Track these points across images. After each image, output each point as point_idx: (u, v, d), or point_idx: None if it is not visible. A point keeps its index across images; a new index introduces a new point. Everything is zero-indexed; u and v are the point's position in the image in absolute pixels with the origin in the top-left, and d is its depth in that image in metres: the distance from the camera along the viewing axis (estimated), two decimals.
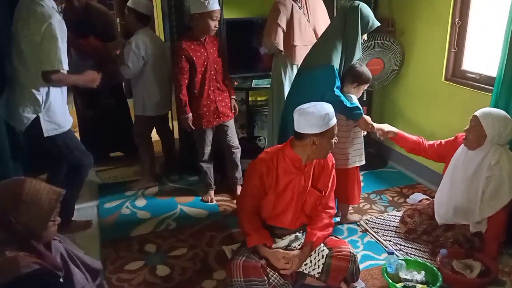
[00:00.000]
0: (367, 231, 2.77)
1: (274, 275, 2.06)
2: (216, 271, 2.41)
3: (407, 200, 3.15)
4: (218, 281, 2.33)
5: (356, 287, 2.21)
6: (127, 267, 2.45)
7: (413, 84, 3.53)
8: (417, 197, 3.11)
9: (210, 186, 3.24)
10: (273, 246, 2.19)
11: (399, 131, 2.72)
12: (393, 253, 2.29)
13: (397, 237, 2.68)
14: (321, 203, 2.23)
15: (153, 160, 3.46)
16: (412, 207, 2.79)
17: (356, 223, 2.86)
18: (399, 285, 2.15)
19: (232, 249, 2.54)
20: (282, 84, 3.05)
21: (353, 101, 2.60)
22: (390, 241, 2.64)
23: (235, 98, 3.17)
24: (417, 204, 2.91)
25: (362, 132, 2.71)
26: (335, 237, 2.30)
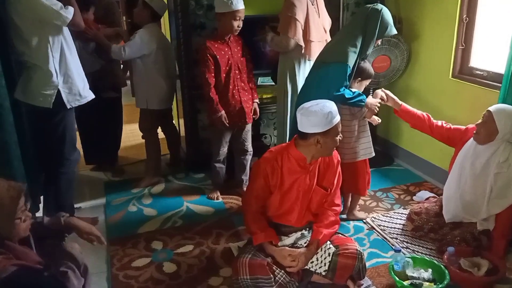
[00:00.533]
0: (374, 228, 2.76)
1: (280, 273, 2.06)
2: (223, 268, 2.41)
3: (414, 198, 3.14)
4: (224, 278, 2.33)
5: (362, 284, 2.21)
6: (134, 264, 2.46)
7: (420, 81, 3.52)
8: (424, 195, 3.09)
9: (219, 186, 3.23)
10: (279, 244, 2.19)
11: (402, 103, 2.71)
12: (400, 250, 2.28)
13: (404, 235, 2.67)
14: (326, 201, 2.23)
15: (159, 157, 3.46)
16: (419, 205, 2.78)
17: (363, 221, 2.86)
18: (406, 282, 2.14)
19: (238, 246, 2.55)
20: (296, 81, 3.04)
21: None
22: (397, 239, 2.63)
23: (257, 102, 3.12)
24: (423, 202, 2.89)
25: (368, 125, 2.72)
26: (342, 234, 2.30)
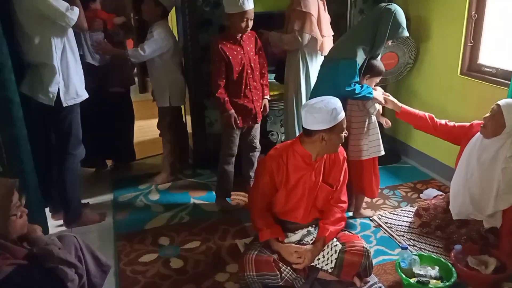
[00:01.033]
0: (380, 226, 2.76)
1: (287, 270, 2.07)
2: (229, 265, 2.42)
3: (421, 195, 3.13)
4: (231, 274, 2.34)
5: (369, 282, 2.20)
6: (141, 259, 2.48)
7: (428, 78, 3.50)
8: (431, 192, 3.08)
9: (229, 194, 3.11)
10: (286, 240, 2.20)
11: (403, 105, 2.70)
12: (406, 248, 2.28)
13: (411, 232, 2.66)
14: (333, 197, 2.23)
15: (176, 154, 3.47)
16: (427, 201, 2.77)
17: (369, 218, 2.85)
18: (412, 280, 2.14)
19: (245, 243, 2.56)
20: (309, 77, 3.04)
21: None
22: (404, 236, 2.62)
23: (268, 98, 3.07)
24: (431, 199, 2.88)
25: (377, 123, 2.71)
26: (348, 232, 2.30)
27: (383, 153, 2.74)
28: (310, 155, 2.08)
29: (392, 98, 2.69)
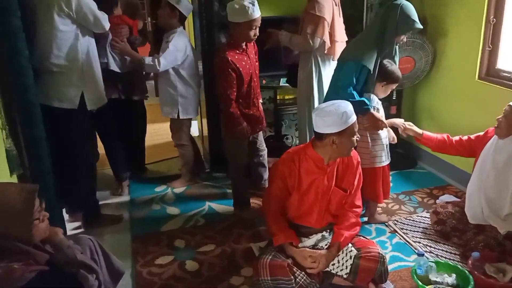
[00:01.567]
0: (396, 232, 2.74)
1: (301, 275, 2.06)
2: (244, 268, 2.44)
3: (437, 201, 3.09)
4: (245, 278, 2.36)
5: None
6: (157, 262, 2.51)
7: (445, 83, 3.46)
8: (448, 199, 3.04)
9: (248, 203, 3.07)
10: (300, 245, 2.19)
11: (424, 131, 2.68)
12: (423, 254, 2.26)
13: (427, 239, 2.64)
14: (347, 202, 2.22)
15: (193, 162, 3.49)
16: (446, 200, 2.75)
17: (385, 224, 2.84)
18: (429, 287, 2.12)
19: (259, 246, 2.56)
20: (322, 80, 3.05)
21: (371, 100, 2.60)
22: (420, 242, 2.60)
23: (261, 101, 3.10)
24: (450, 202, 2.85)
25: (379, 135, 2.67)
26: (363, 237, 2.28)
27: (385, 162, 2.71)
28: (322, 159, 2.08)
29: (414, 128, 2.69)
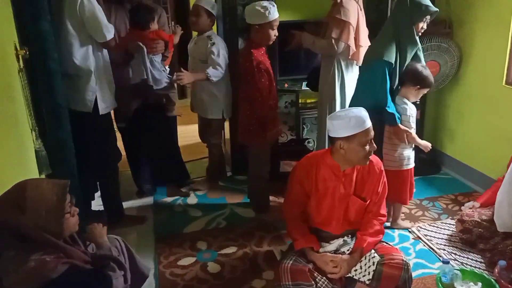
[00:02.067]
0: (420, 238, 2.71)
1: (322, 279, 2.05)
2: (265, 271, 2.44)
3: (462, 208, 3.03)
4: (267, 281, 2.36)
5: None
6: (180, 263, 2.54)
7: (470, 88, 3.40)
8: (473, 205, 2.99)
9: (268, 207, 3.11)
10: (321, 250, 2.18)
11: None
12: (448, 262, 2.22)
13: (452, 246, 2.60)
14: (371, 211, 2.18)
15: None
16: (472, 208, 2.70)
17: (408, 230, 2.80)
18: None
19: (281, 250, 2.57)
20: (344, 85, 3.05)
21: (406, 105, 2.59)
22: (444, 249, 2.56)
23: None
24: (476, 208, 2.80)
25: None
26: (387, 243, 2.26)
27: (410, 166, 2.70)
28: (338, 166, 2.06)
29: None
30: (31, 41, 2.18)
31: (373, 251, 2.13)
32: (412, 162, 2.70)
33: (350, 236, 2.23)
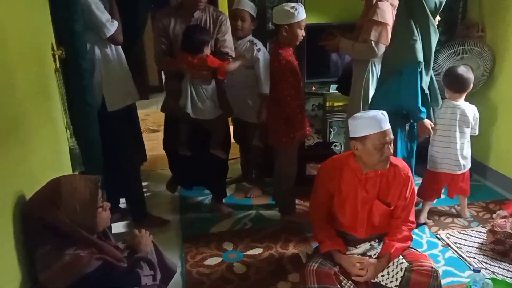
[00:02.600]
0: (449, 245, 2.65)
1: (348, 283, 2.04)
2: (291, 274, 2.45)
3: (494, 216, 2.96)
4: (292, 283, 2.36)
5: None
6: (206, 262, 2.57)
7: (504, 93, 3.32)
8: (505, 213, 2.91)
9: (294, 209, 3.11)
10: (347, 253, 2.17)
11: None
12: (479, 270, 2.17)
13: (483, 254, 2.54)
14: (400, 217, 2.15)
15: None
16: (505, 218, 2.64)
17: (437, 236, 2.75)
18: None
19: (307, 253, 2.57)
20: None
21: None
22: (475, 258, 2.50)
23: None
24: (508, 218, 2.73)
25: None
26: (415, 249, 2.23)
27: (450, 171, 2.77)
28: (360, 168, 2.06)
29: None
30: (66, 41, 2.25)
31: (401, 257, 2.11)
32: (443, 167, 2.74)
33: (377, 240, 2.21)
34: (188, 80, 2.73)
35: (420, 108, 2.54)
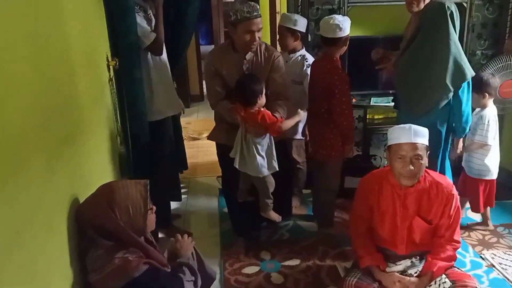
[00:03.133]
0: (494, 266, 2.57)
1: None
2: (329, 287, 2.44)
3: None
4: None
5: None
6: (244, 271, 2.60)
7: None
8: None
9: (332, 222, 3.07)
10: (387, 270, 2.14)
11: None
12: None
13: None
14: (443, 236, 2.10)
15: None
16: None
17: (481, 257, 2.67)
18: None
19: (345, 266, 2.55)
20: None
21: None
22: None
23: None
24: None
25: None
26: (458, 269, 2.17)
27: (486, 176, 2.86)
28: (398, 184, 2.03)
29: None
30: (121, 52, 2.37)
31: (444, 276, 2.06)
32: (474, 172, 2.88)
33: (419, 258, 2.17)
34: (241, 132, 2.45)
35: (464, 124, 2.58)
